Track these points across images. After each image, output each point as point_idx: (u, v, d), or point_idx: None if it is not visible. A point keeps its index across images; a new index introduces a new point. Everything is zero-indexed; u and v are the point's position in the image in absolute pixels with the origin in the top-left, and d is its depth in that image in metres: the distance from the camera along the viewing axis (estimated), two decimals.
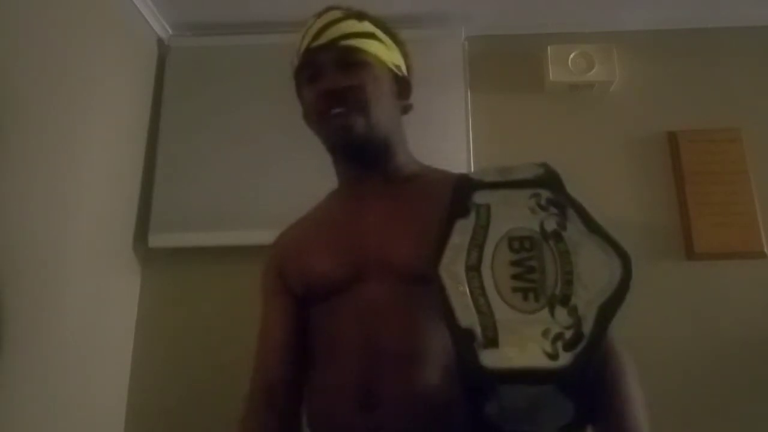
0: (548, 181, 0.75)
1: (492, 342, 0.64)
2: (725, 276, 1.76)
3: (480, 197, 0.75)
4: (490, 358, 0.64)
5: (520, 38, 2.01)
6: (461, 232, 0.72)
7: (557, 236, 0.71)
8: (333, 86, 0.88)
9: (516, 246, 0.71)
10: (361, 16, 0.94)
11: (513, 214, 0.73)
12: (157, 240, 1.81)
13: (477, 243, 0.71)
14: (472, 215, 0.73)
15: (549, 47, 1.93)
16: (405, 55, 1.00)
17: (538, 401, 0.66)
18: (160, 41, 2.00)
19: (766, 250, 1.76)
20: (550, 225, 0.72)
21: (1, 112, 1.22)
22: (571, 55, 1.91)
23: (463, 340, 0.65)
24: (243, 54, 1.92)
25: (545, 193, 0.74)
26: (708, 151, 1.85)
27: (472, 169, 1.81)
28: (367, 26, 0.93)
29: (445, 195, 0.75)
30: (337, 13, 0.92)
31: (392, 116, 0.95)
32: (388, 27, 0.97)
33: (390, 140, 0.94)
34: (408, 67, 0.99)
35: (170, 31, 2.01)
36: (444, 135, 1.84)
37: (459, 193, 0.76)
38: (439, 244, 0.71)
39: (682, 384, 1.67)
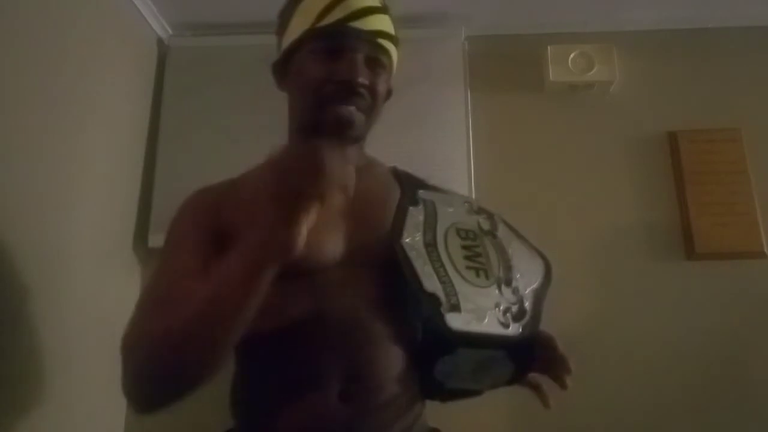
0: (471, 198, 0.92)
1: (455, 307, 0.72)
2: (725, 276, 1.76)
3: (424, 194, 0.86)
4: (455, 321, 0.71)
5: (520, 38, 2.01)
6: (415, 217, 0.82)
7: (492, 234, 0.84)
8: (358, 79, 0.87)
9: (463, 235, 0.82)
10: (387, 11, 0.95)
11: (454, 212, 0.85)
12: (157, 240, 1.80)
13: (430, 227, 0.81)
14: (421, 206, 0.84)
15: (549, 47, 1.93)
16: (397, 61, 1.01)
17: (486, 363, 0.75)
18: (160, 41, 2.00)
19: (766, 250, 1.76)
20: (485, 225, 0.85)
21: (0, 112, 1.22)
22: (571, 55, 1.91)
23: (430, 303, 0.72)
24: (243, 54, 1.92)
25: (474, 202, 0.88)
26: (708, 151, 1.85)
27: (473, 169, 1.82)
28: (392, 27, 0.94)
29: (392, 187, 0.87)
30: (377, 1, 0.92)
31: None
32: (397, 30, 0.98)
33: (365, 135, 0.97)
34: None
35: (170, 31, 2.01)
36: (444, 135, 1.85)
37: (407, 186, 0.88)
38: (397, 222, 0.80)
39: (682, 384, 1.67)
